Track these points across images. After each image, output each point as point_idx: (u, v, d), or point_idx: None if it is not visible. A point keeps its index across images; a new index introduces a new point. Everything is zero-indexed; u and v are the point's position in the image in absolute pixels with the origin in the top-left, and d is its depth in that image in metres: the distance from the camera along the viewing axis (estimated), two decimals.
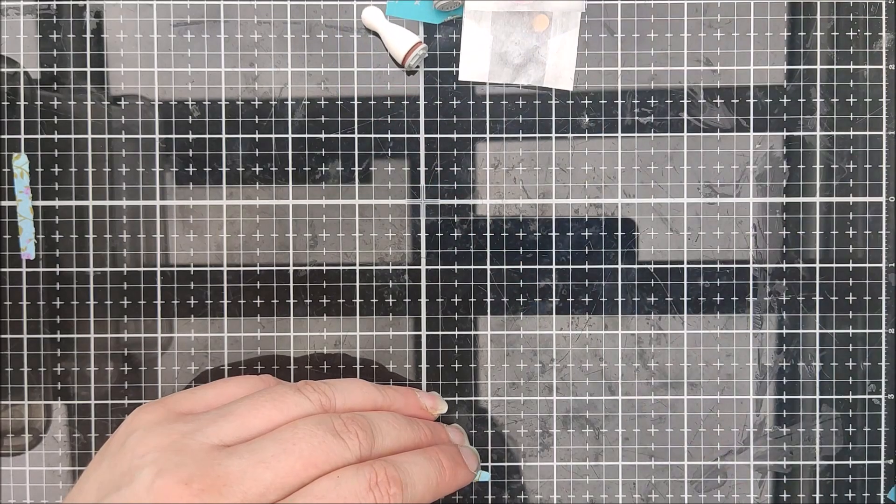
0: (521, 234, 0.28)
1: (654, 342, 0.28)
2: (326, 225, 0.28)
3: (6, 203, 0.28)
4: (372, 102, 0.28)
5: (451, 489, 0.23)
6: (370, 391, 0.24)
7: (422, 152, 0.28)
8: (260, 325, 0.28)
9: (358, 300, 0.28)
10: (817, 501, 0.28)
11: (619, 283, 0.28)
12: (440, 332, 0.28)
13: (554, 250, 0.28)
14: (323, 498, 0.20)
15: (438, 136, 0.28)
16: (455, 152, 0.28)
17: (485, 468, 0.28)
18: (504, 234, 0.28)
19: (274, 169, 0.28)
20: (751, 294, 0.28)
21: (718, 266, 0.28)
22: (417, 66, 0.27)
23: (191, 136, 0.28)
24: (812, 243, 0.28)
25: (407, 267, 0.28)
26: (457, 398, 0.28)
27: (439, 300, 0.28)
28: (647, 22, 0.28)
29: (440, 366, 0.28)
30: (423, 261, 0.28)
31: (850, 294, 0.28)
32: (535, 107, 0.28)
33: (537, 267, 0.28)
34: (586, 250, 0.28)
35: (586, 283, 0.28)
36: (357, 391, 0.24)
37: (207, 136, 0.28)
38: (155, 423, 0.22)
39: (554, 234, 0.28)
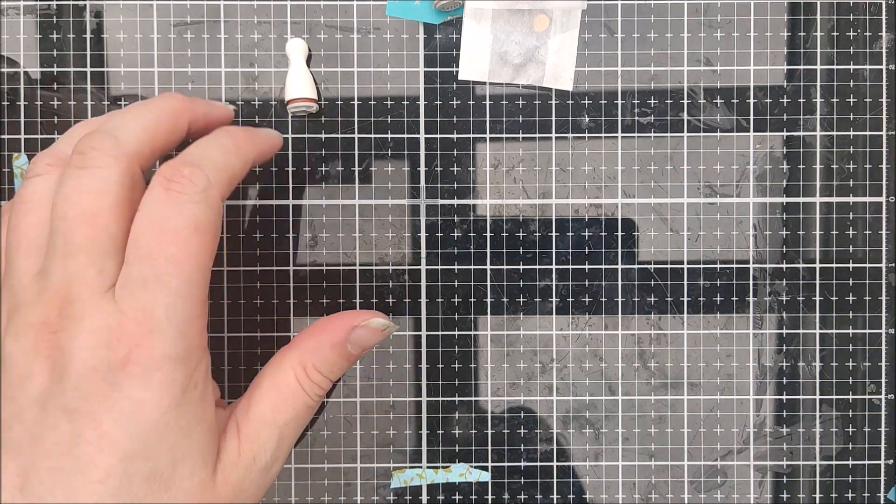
0: (521, 234, 0.28)
1: (654, 342, 0.28)
2: (326, 225, 0.28)
3: (6, 203, 0.28)
4: (372, 102, 0.28)
5: (255, 152, 0.22)
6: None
7: (422, 152, 0.28)
8: (260, 326, 0.28)
9: (358, 300, 0.28)
10: (817, 501, 0.28)
11: (619, 283, 0.28)
12: (440, 332, 0.28)
13: (554, 250, 0.28)
14: (142, 230, 0.20)
15: (438, 136, 0.28)
16: (455, 152, 0.28)
17: (485, 468, 0.28)
18: (504, 234, 0.28)
19: (274, 169, 0.28)
20: (751, 294, 0.28)
21: (718, 266, 0.28)
22: (296, 117, 0.27)
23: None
24: (812, 243, 0.28)
25: (407, 267, 0.28)
26: (457, 398, 0.28)
27: (439, 300, 0.28)
28: (647, 22, 0.28)
29: (440, 366, 0.28)
30: (423, 261, 0.28)
31: (850, 294, 0.28)
32: (535, 107, 0.28)
33: (537, 267, 0.28)
34: (586, 250, 0.28)
35: (586, 283, 0.28)
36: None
37: None
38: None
39: (554, 234, 0.28)
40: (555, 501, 0.28)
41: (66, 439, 0.19)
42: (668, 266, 0.28)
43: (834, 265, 0.28)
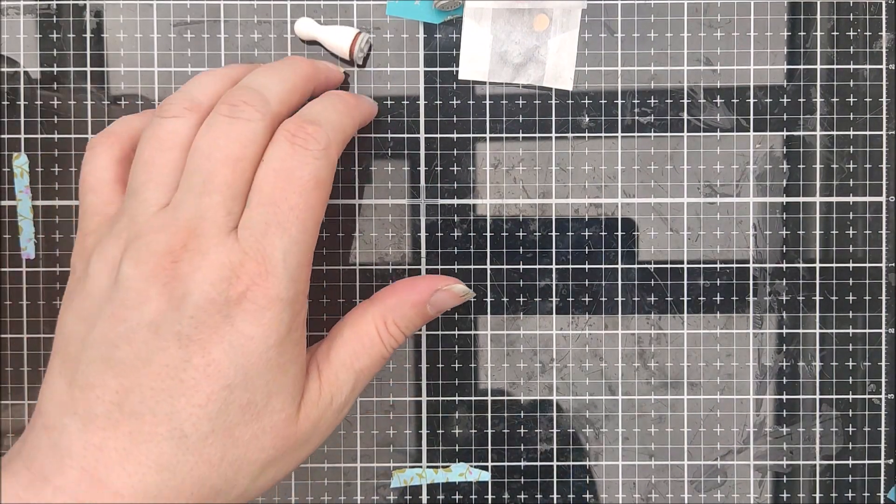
0: (521, 234, 0.28)
1: (654, 342, 0.28)
2: (326, 225, 0.28)
3: (6, 203, 0.28)
4: None
5: (361, 116, 0.24)
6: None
7: (422, 152, 0.28)
8: None
9: (358, 300, 0.28)
10: (817, 501, 0.28)
11: (619, 282, 0.28)
12: (440, 332, 0.28)
13: (554, 250, 0.28)
14: (267, 179, 0.21)
15: (438, 135, 0.28)
16: (455, 152, 0.28)
17: (485, 468, 0.28)
18: (504, 234, 0.28)
19: None
20: (751, 294, 0.28)
21: (718, 266, 0.28)
22: (366, 56, 0.27)
23: None
24: (812, 243, 0.28)
25: (407, 267, 0.28)
26: (457, 398, 0.28)
27: None
28: (647, 22, 0.28)
29: (440, 366, 0.28)
30: (423, 261, 0.28)
31: (850, 294, 0.28)
32: (535, 107, 0.28)
33: (537, 267, 0.28)
34: (586, 250, 0.28)
35: (586, 283, 0.28)
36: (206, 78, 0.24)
37: None
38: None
39: (554, 233, 0.28)
40: (555, 501, 0.28)
41: (174, 363, 0.20)
42: (668, 266, 0.28)
43: (834, 265, 0.28)
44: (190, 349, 0.20)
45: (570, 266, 0.28)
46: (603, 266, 0.28)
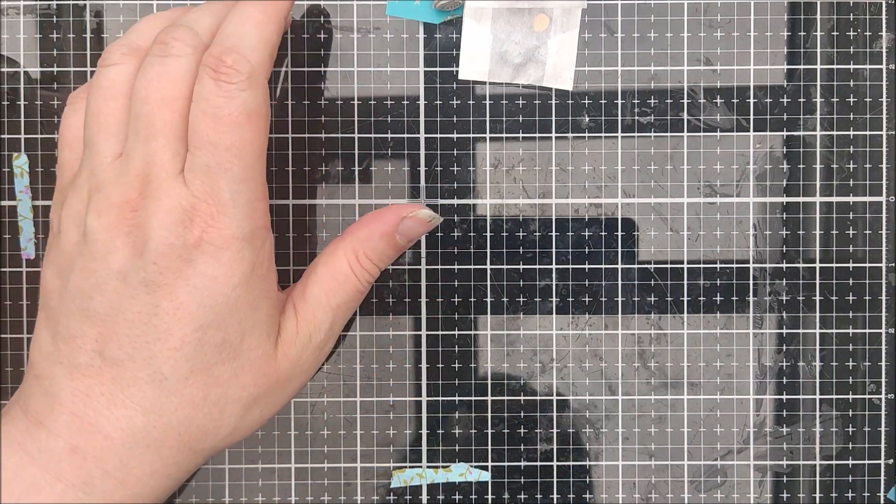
0: (521, 233, 0.28)
1: (654, 342, 0.28)
2: (326, 225, 0.28)
3: (6, 203, 0.28)
4: (372, 102, 0.28)
5: (283, 14, 0.23)
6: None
7: (422, 152, 0.28)
8: None
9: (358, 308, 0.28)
10: (817, 501, 0.28)
11: (619, 283, 0.28)
12: (440, 332, 0.28)
13: (554, 250, 0.28)
14: (198, 120, 0.21)
15: (438, 135, 0.28)
16: (455, 152, 0.28)
17: (485, 468, 0.28)
18: (504, 234, 0.28)
19: (274, 169, 0.28)
20: (751, 294, 0.28)
21: (718, 266, 0.28)
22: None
23: None
24: (812, 243, 0.28)
25: (407, 267, 0.28)
26: (457, 398, 0.28)
27: (439, 300, 0.28)
28: (647, 22, 0.28)
29: (440, 366, 0.28)
30: (423, 261, 0.28)
31: (850, 294, 0.28)
32: (535, 107, 0.28)
33: (537, 267, 0.28)
34: (586, 250, 0.28)
35: (586, 283, 0.28)
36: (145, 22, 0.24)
37: None
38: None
39: (554, 233, 0.28)
40: (555, 501, 0.28)
41: (145, 309, 0.21)
42: (668, 266, 0.28)
43: (834, 265, 0.28)
44: (158, 294, 0.21)
45: (570, 266, 0.28)
46: (603, 266, 0.28)
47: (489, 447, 0.28)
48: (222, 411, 0.22)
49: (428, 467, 0.28)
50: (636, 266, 0.28)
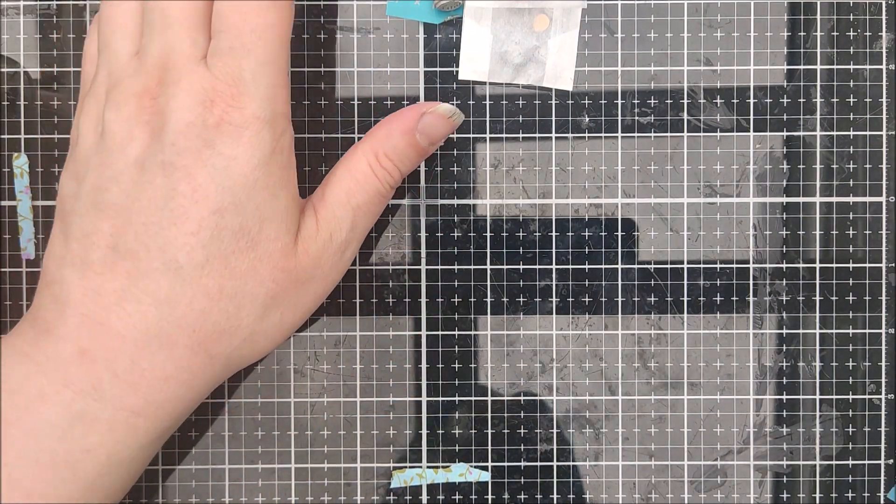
0: (521, 234, 0.28)
1: (654, 342, 0.28)
2: None
3: (6, 203, 0.28)
4: (372, 102, 0.28)
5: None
6: None
7: None
8: None
9: (358, 300, 0.28)
10: (817, 501, 0.28)
11: (619, 283, 0.28)
12: (440, 332, 0.28)
13: (554, 250, 0.28)
14: (224, 5, 0.21)
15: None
16: (455, 152, 0.28)
17: (485, 468, 0.28)
18: (504, 234, 0.28)
19: None
20: (751, 294, 0.28)
21: (718, 266, 0.28)
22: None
23: None
24: (812, 243, 0.28)
25: (407, 267, 0.28)
26: (457, 398, 0.28)
27: (439, 300, 0.28)
28: (647, 22, 0.28)
29: (440, 366, 0.28)
30: (423, 261, 0.28)
31: (850, 294, 0.28)
32: (535, 107, 0.28)
33: (537, 267, 0.28)
34: (586, 250, 0.28)
35: (586, 283, 0.28)
36: None
37: None
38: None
39: (554, 234, 0.28)
40: (555, 501, 0.28)
41: (161, 193, 0.21)
42: (668, 266, 0.28)
43: (834, 265, 0.28)
44: (175, 177, 0.21)
45: (570, 266, 0.28)
46: (603, 266, 0.28)
47: (489, 447, 0.28)
48: (239, 307, 0.21)
49: (428, 467, 0.28)
50: (636, 266, 0.28)
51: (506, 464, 0.28)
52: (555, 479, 0.28)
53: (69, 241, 0.21)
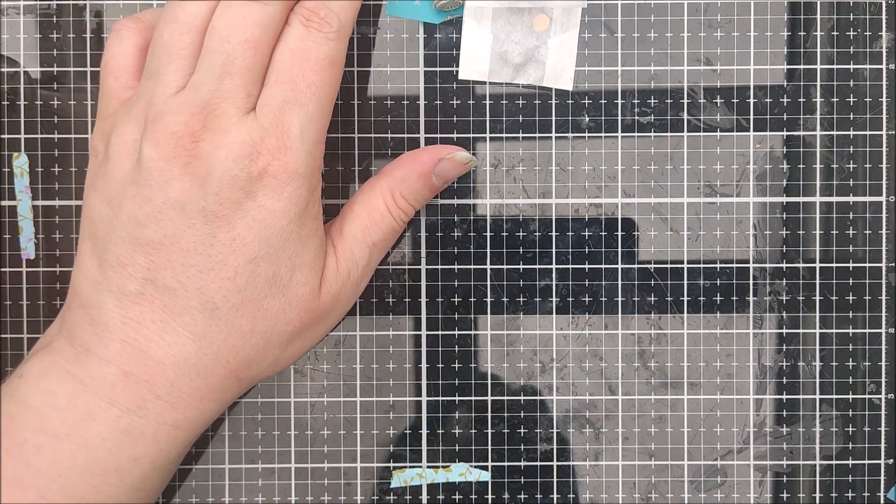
0: (521, 233, 0.28)
1: (654, 342, 0.28)
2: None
3: (6, 203, 0.28)
4: (372, 102, 0.28)
5: None
6: None
7: None
8: None
9: (358, 300, 0.28)
10: (817, 501, 0.28)
11: (619, 282, 0.28)
12: (440, 332, 0.28)
13: (554, 250, 0.28)
14: (284, 58, 0.22)
15: (438, 135, 0.28)
16: None
17: (485, 468, 0.28)
18: (504, 234, 0.28)
19: None
20: (751, 294, 0.28)
21: (718, 266, 0.28)
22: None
23: None
24: (812, 243, 0.28)
25: (407, 267, 0.28)
26: (457, 398, 0.28)
27: (439, 300, 0.28)
28: (647, 22, 0.28)
29: (440, 366, 0.28)
30: (423, 260, 0.28)
31: (850, 294, 0.28)
32: (535, 107, 0.28)
33: (537, 267, 0.28)
34: (586, 250, 0.28)
35: (586, 282, 0.28)
36: None
37: None
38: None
39: (554, 233, 0.28)
40: (555, 501, 0.28)
41: (201, 239, 0.21)
42: (668, 266, 0.28)
43: (834, 265, 0.28)
44: (215, 225, 0.21)
45: (570, 266, 0.28)
46: (603, 266, 0.28)
47: (489, 447, 0.28)
48: (267, 343, 0.23)
49: (428, 467, 0.28)
50: (636, 266, 0.28)
51: (506, 464, 0.28)
52: (555, 479, 0.28)
53: (104, 268, 0.22)
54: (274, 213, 0.22)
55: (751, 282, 0.28)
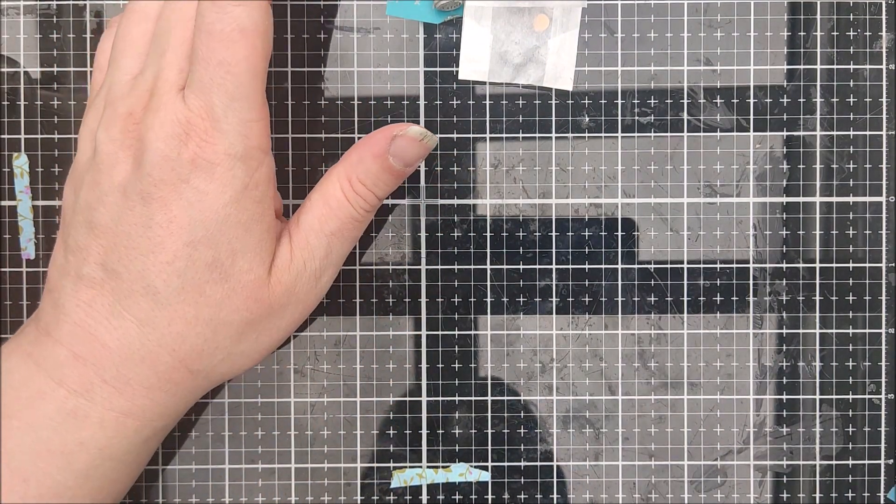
0: (521, 234, 0.28)
1: (654, 342, 0.28)
2: None
3: (6, 203, 0.28)
4: (372, 102, 0.28)
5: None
6: None
7: None
8: None
9: (358, 300, 0.28)
10: (817, 501, 0.28)
11: (619, 283, 0.28)
12: (440, 332, 0.28)
13: (554, 250, 0.28)
14: (197, 37, 0.21)
15: (438, 135, 0.28)
16: (455, 152, 0.28)
17: (485, 468, 0.28)
18: (504, 234, 0.28)
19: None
20: (751, 294, 0.28)
21: (718, 266, 0.28)
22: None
23: None
24: (812, 243, 0.28)
25: (407, 267, 0.28)
26: (457, 398, 0.28)
27: (439, 300, 0.28)
28: (647, 22, 0.28)
29: (440, 366, 0.28)
30: (423, 261, 0.28)
31: (850, 294, 0.28)
32: (535, 107, 0.28)
33: (537, 267, 0.28)
34: (586, 250, 0.28)
35: (586, 283, 0.28)
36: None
37: None
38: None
39: (554, 233, 0.28)
40: (555, 501, 0.28)
41: (140, 221, 0.21)
42: (668, 266, 0.28)
43: (834, 265, 0.28)
44: (152, 207, 0.21)
45: (570, 266, 0.28)
46: (603, 266, 0.28)
47: (489, 447, 0.28)
48: (215, 332, 0.22)
49: (428, 467, 0.28)
50: (636, 266, 0.28)
51: (506, 464, 0.28)
52: (555, 479, 0.28)
53: (67, 253, 0.22)
54: (207, 196, 0.21)
55: (751, 282, 0.28)
